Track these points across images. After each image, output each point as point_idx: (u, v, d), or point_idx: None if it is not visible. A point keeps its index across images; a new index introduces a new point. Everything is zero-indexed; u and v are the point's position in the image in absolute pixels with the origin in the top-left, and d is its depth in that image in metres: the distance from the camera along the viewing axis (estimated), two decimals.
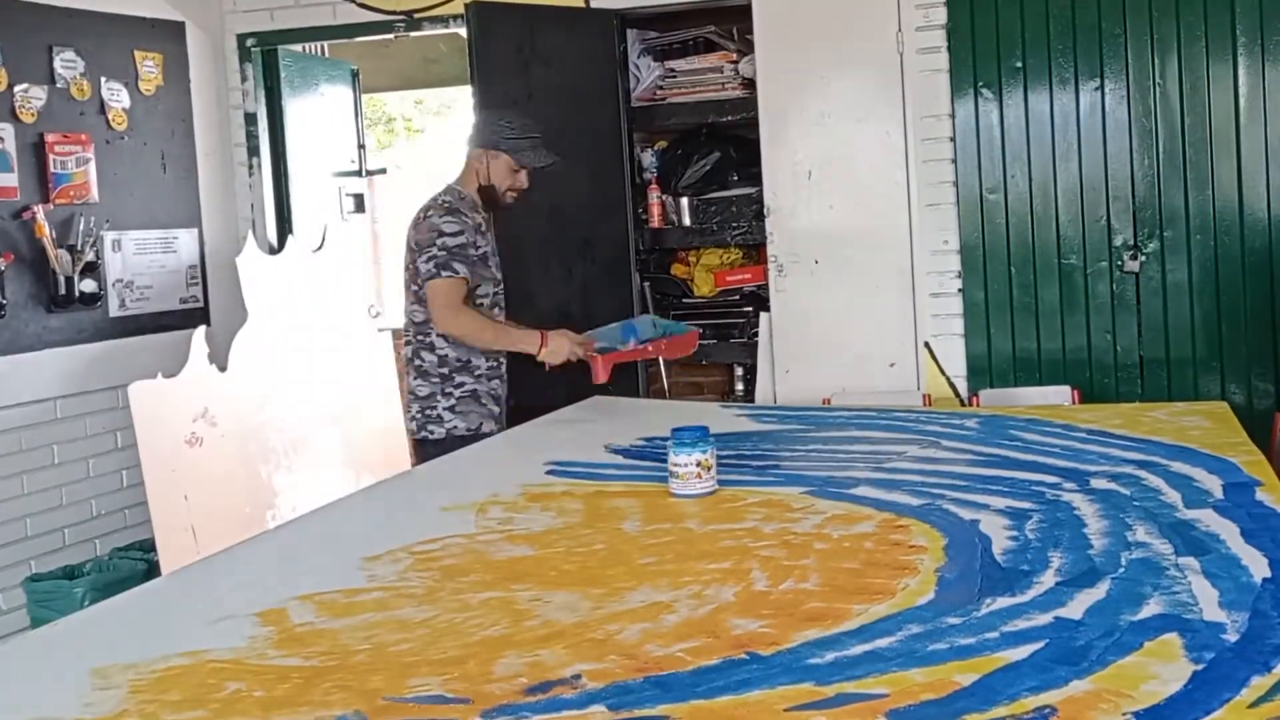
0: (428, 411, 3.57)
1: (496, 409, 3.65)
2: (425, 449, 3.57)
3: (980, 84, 4.48)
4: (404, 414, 3.70)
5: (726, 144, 5.11)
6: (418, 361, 3.59)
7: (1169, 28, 4.29)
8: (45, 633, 1.88)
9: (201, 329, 4.71)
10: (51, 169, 4.39)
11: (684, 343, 3.71)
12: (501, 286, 3.68)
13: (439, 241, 3.45)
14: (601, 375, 3.48)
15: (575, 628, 1.75)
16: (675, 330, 3.73)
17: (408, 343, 3.63)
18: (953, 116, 4.51)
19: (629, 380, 4.90)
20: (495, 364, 3.65)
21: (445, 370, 3.56)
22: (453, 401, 3.56)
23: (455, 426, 3.54)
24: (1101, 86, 4.37)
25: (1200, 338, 4.35)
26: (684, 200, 5.12)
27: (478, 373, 3.59)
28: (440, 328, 3.49)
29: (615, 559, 2.10)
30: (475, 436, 3.51)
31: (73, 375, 4.51)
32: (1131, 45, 4.33)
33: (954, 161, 4.53)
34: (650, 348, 3.62)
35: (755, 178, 4.79)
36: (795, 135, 4.62)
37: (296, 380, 4.93)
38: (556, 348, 3.47)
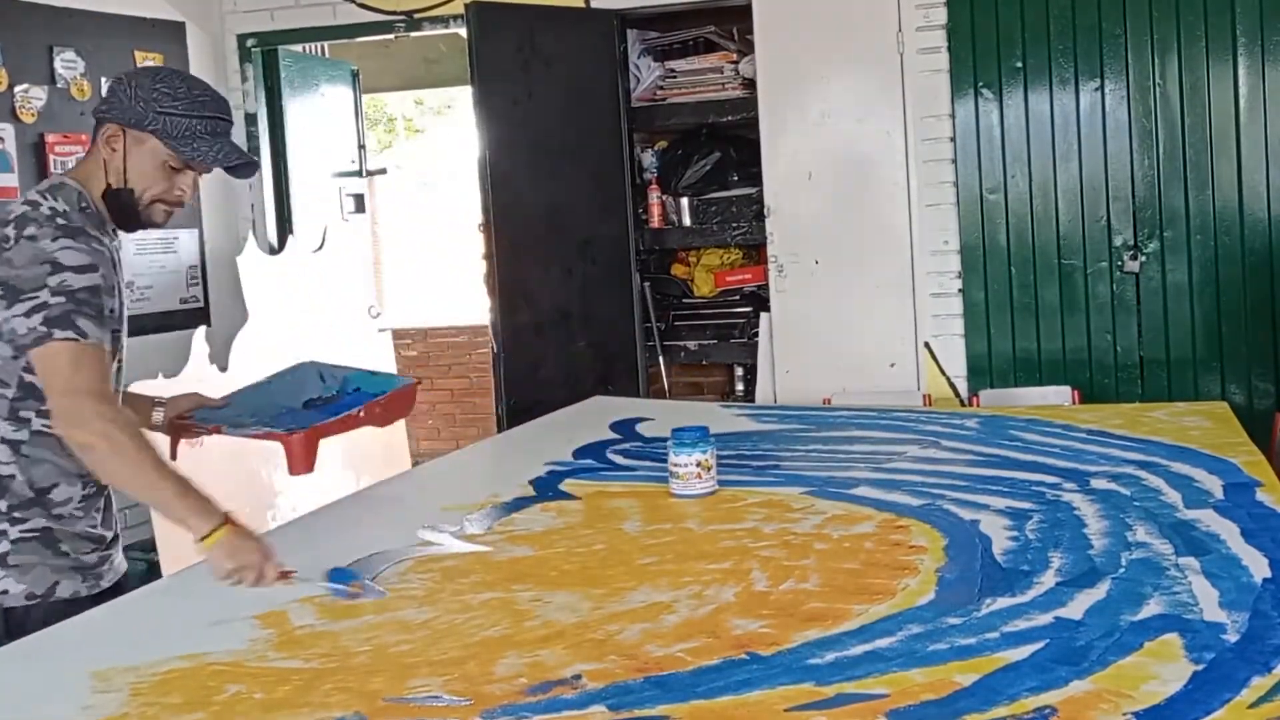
0: None
1: (91, 557, 2.15)
2: None
3: (980, 84, 4.47)
4: None
5: (726, 144, 5.11)
6: None
7: (1169, 28, 4.29)
8: (45, 632, 1.87)
9: (202, 329, 4.71)
10: (52, 169, 4.39)
11: (401, 400, 2.61)
12: (123, 355, 2.22)
13: (53, 280, 1.99)
14: (303, 464, 2.37)
15: (575, 628, 1.75)
16: (381, 387, 2.63)
17: None
18: (953, 116, 4.51)
19: (629, 380, 4.91)
20: (94, 491, 2.16)
21: (11, 500, 2.08)
22: (5, 547, 2.07)
23: (5, 591, 2.07)
24: (1102, 86, 4.37)
25: (1200, 338, 4.35)
26: (684, 200, 5.12)
27: (57, 506, 2.11)
28: (61, 428, 2.00)
29: (615, 559, 2.10)
30: (45, 606, 2.07)
31: None
32: (1131, 45, 4.33)
33: (954, 161, 4.52)
34: (362, 413, 2.46)
35: (755, 178, 4.79)
36: (795, 135, 4.62)
37: None
38: (239, 546, 1.97)
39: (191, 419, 2.44)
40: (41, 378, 2.00)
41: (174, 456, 2.39)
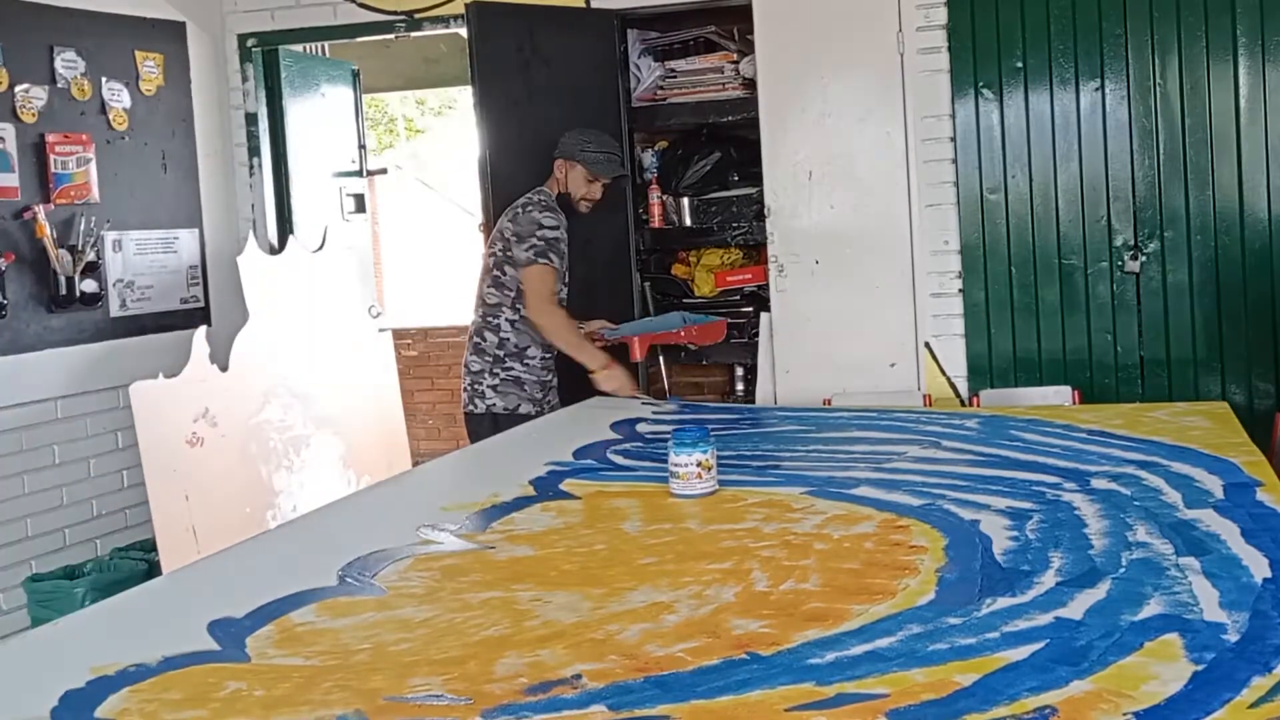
0: (475, 386, 3.99)
1: (539, 394, 4.01)
2: (469, 421, 4.00)
3: (981, 84, 4.48)
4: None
5: (727, 144, 5.11)
6: (477, 339, 4.00)
7: (1169, 28, 4.29)
8: (45, 633, 1.88)
9: (202, 329, 4.72)
10: (52, 169, 4.39)
11: (714, 330, 4.36)
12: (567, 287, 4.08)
13: (539, 233, 3.89)
14: (637, 353, 4.09)
15: (575, 628, 1.75)
16: (702, 321, 4.38)
17: (475, 320, 4.02)
18: (953, 116, 4.51)
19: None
20: (548, 355, 4.03)
21: (500, 353, 3.96)
22: (496, 381, 3.96)
23: (494, 404, 3.94)
24: (1102, 86, 4.37)
25: (1201, 338, 4.35)
26: (684, 200, 5.12)
27: (529, 362, 3.99)
28: (530, 313, 3.89)
29: (616, 559, 2.10)
30: (512, 416, 3.89)
31: (73, 375, 4.51)
32: (1132, 45, 4.33)
33: (954, 161, 4.52)
34: (683, 332, 4.24)
35: (755, 178, 4.79)
36: (795, 135, 4.62)
37: (297, 380, 4.93)
38: (614, 375, 3.85)
39: (599, 334, 4.15)
40: (525, 285, 3.91)
41: (636, 358, 4.15)
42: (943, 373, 4.58)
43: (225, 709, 1.52)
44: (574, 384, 4.06)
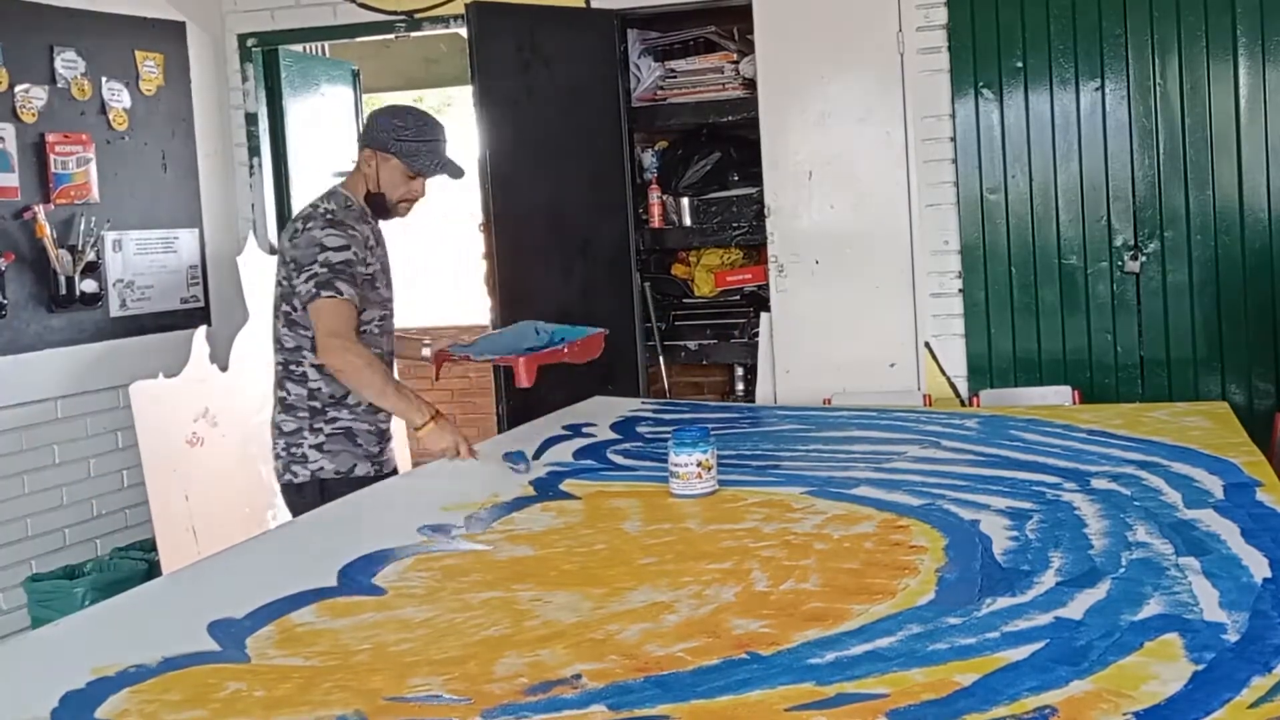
0: (293, 450, 3.02)
1: (375, 447, 3.09)
2: (289, 494, 3.05)
3: (981, 84, 4.47)
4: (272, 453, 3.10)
5: (727, 144, 5.11)
6: (282, 394, 3.05)
7: (1169, 28, 4.29)
8: (45, 633, 1.88)
9: (202, 329, 4.72)
10: (52, 169, 4.39)
11: (592, 344, 3.44)
12: (391, 309, 3.21)
13: (321, 258, 2.90)
14: (524, 379, 3.13)
15: (576, 628, 1.75)
16: (578, 334, 3.46)
17: (276, 370, 3.08)
18: (953, 116, 4.51)
19: (629, 380, 4.91)
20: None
21: (316, 404, 3.02)
22: (321, 439, 3.02)
23: (321, 468, 3.00)
24: (1102, 86, 4.37)
25: (1201, 338, 4.35)
26: (684, 200, 5.12)
27: (357, 409, 3.04)
28: (322, 357, 2.90)
29: (616, 559, 2.10)
30: (345, 481, 2.98)
31: (73, 375, 4.51)
32: (1132, 45, 4.33)
33: (954, 161, 4.52)
34: (565, 349, 3.33)
35: (755, 178, 4.79)
36: (795, 135, 4.62)
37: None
38: (441, 433, 2.90)
39: (449, 351, 3.28)
40: (312, 322, 2.90)
41: (437, 379, 3.44)
42: (943, 373, 4.58)
43: (225, 709, 1.52)
44: (573, 383, 4.05)
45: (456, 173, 3.12)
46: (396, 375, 3.28)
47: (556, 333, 3.48)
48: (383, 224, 3.18)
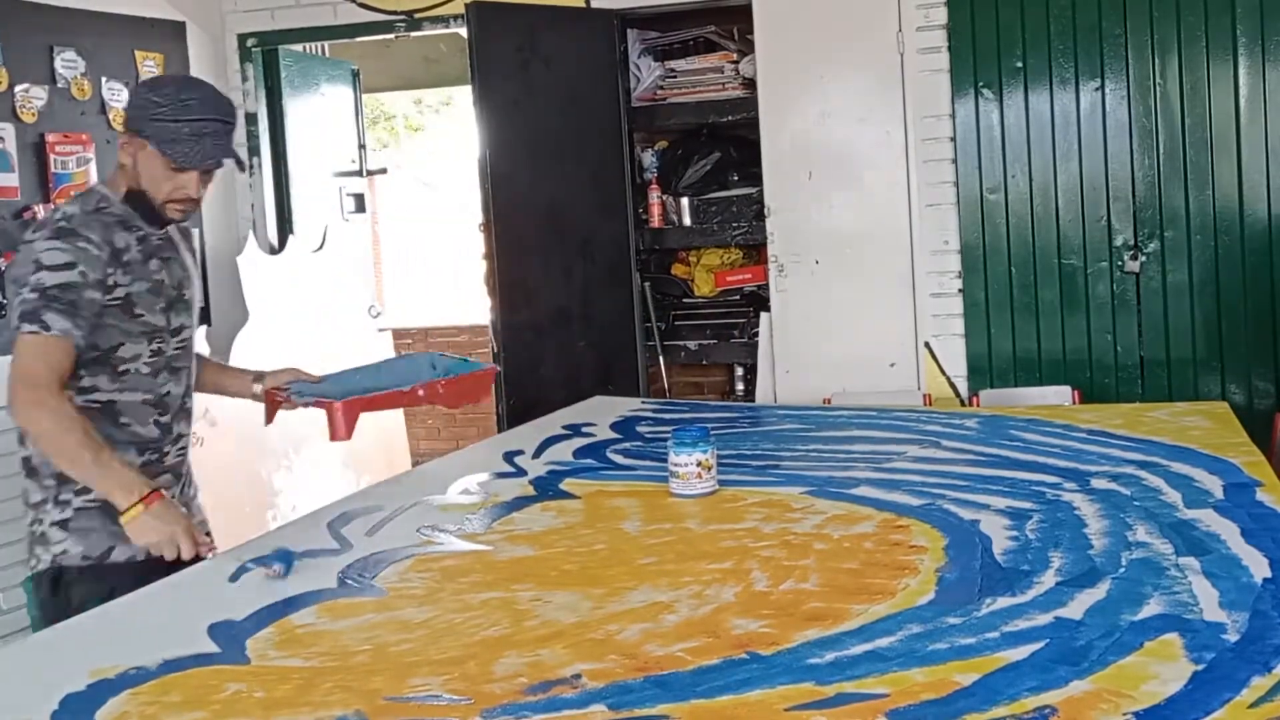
0: (34, 528, 2.39)
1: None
2: (36, 585, 2.44)
3: (980, 84, 4.47)
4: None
5: (726, 144, 5.11)
6: (24, 452, 2.37)
7: (1169, 28, 4.29)
8: (45, 634, 1.88)
9: (202, 329, 4.71)
10: (52, 169, 4.39)
11: (474, 386, 2.79)
12: (186, 335, 2.50)
13: (34, 279, 2.23)
14: (341, 431, 2.53)
15: (575, 628, 1.75)
16: (460, 370, 2.81)
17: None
18: (953, 116, 4.51)
19: (629, 380, 4.91)
20: (155, 450, 2.43)
21: (59, 470, 2.30)
22: (68, 514, 2.35)
23: (65, 551, 2.35)
24: (1102, 86, 4.37)
25: (1200, 338, 4.35)
26: (684, 200, 5.12)
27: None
28: (10, 406, 2.20)
29: (615, 559, 2.10)
30: (100, 567, 2.33)
31: None
32: (1132, 45, 4.33)
33: (954, 161, 4.52)
34: (421, 392, 2.65)
35: (755, 178, 4.79)
36: (795, 135, 4.62)
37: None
38: (156, 518, 2.18)
39: (285, 391, 2.64)
40: (12, 361, 2.21)
41: (269, 421, 2.67)
42: (943, 372, 4.58)
43: (225, 711, 1.52)
44: (573, 383, 4.06)
45: (237, 162, 2.41)
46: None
47: (453, 368, 2.82)
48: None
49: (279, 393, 2.65)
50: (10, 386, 2.19)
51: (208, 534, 2.37)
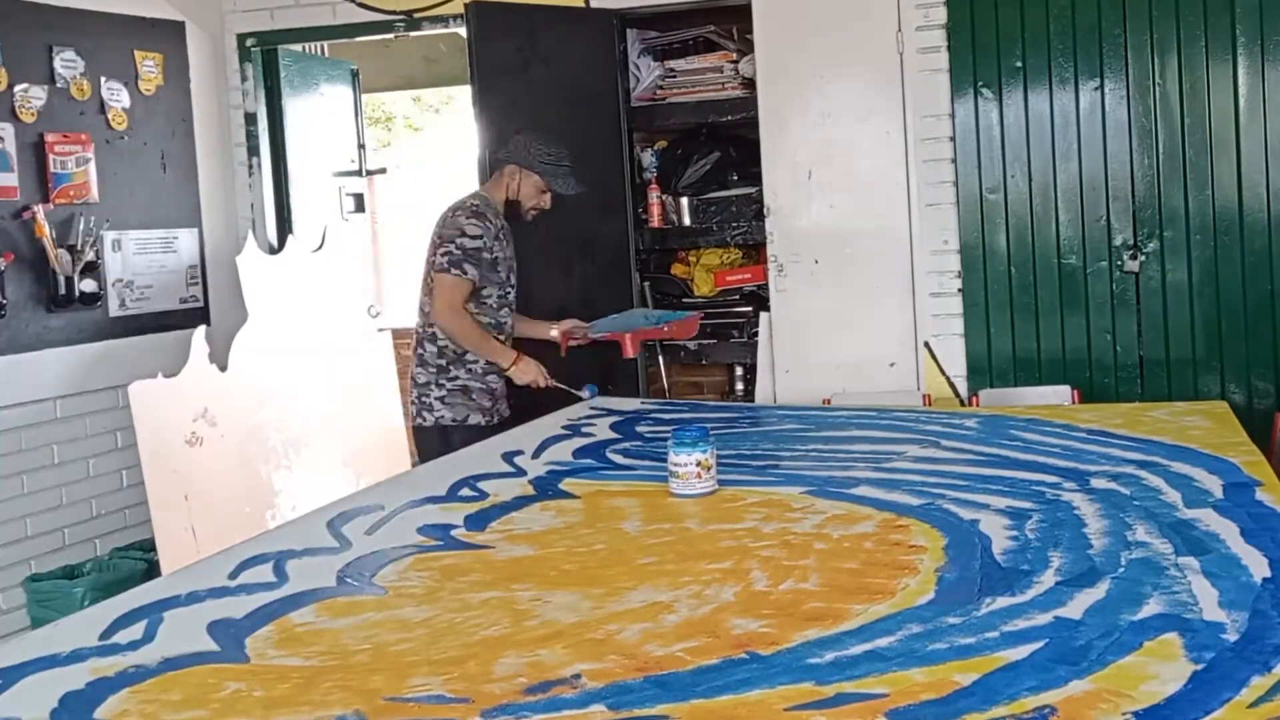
0: (422, 399, 3.82)
1: (489, 403, 3.85)
2: (418, 435, 3.88)
3: (980, 84, 4.47)
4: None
5: (726, 144, 5.11)
6: (420, 350, 3.85)
7: (1169, 28, 4.29)
8: (45, 633, 1.88)
9: (201, 329, 4.71)
10: (51, 169, 4.39)
11: (689, 325, 4.33)
12: (513, 291, 3.95)
13: (458, 241, 3.72)
14: (630, 350, 4.06)
15: (575, 627, 1.75)
16: (676, 317, 4.34)
17: (417, 331, 3.89)
18: (953, 116, 4.51)
19: (629, 380, 4.91)
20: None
21: (443, 362, 3.80)
22: (444, 392, 3.80)
23: (442, 416, 3.79)
24: (1101, 86, 4.37)
25: (1200, 338, 4.35)
26: (684, 200, 5.12)
27: (473, 368, 3.80)
28: (436, 319, 3.75)
29: (615, 559, 2.10)
30: (461, 427, 3.75)
31: (73, 375, 4.50)
32: (1131, 45, 4.33)
33: (954, 161, 4.52)
34: (666, 328, 4.20)
35: (755, 178, 4.79)
36: (795, 135, 4.62)
37: (296, 380, 4.93)
38: (525, 369, 3.79)
39: (572, 333, 4.06)
40: (435, 291, 3.75)
41: (563, 354, 4.05)
42: (942, 372, 4.58)
43: (225, 709, 1.52)
44: (573, 383, 4.06)
45: (578, 190, 3.97)
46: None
47: (662, 318, 4.32)
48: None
49: (572, 334, 4.05)
50: (440, 306, 3.72)
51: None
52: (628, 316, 4.35)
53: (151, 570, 4.31)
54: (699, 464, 2.48)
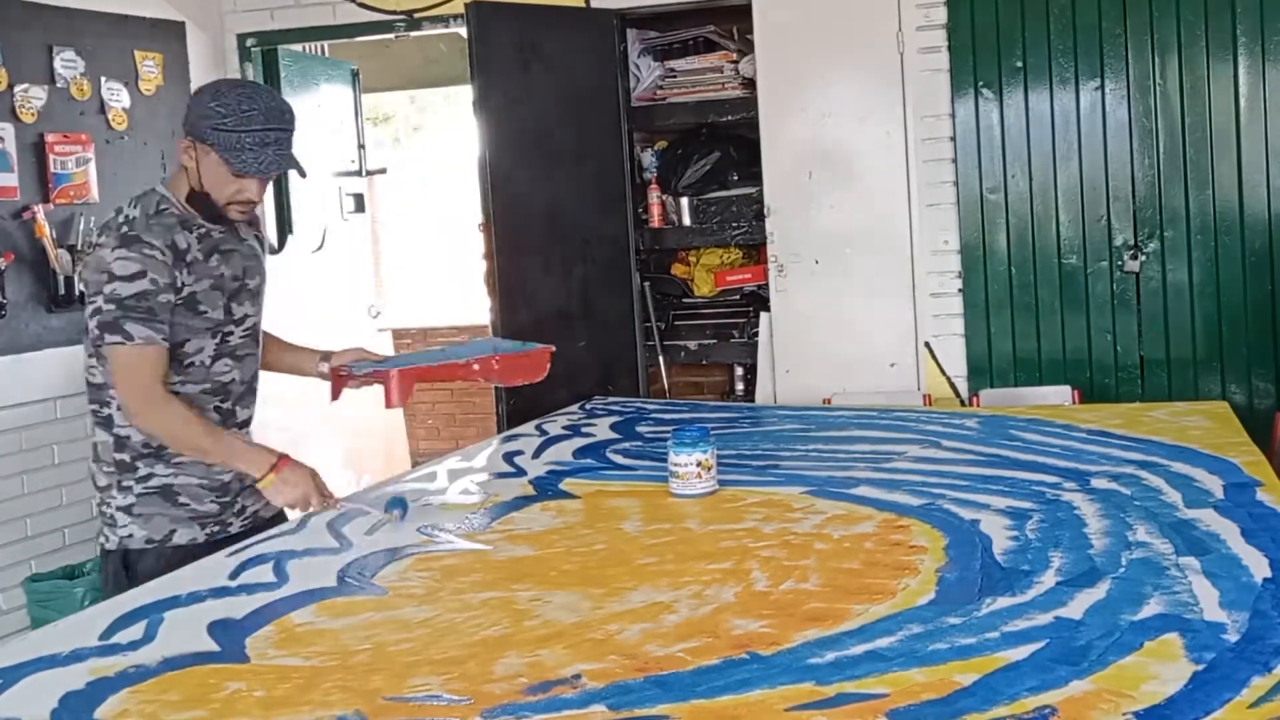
0: (103, 509, 2.50)
1: (214, 504, 2.50)
2: (105, 562, 2.51)
3: (980, 84, 4.47)
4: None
5: (726, 144, 5.11)
6: (94, 438, 2.52)
7: (1169, 28, 4.29)
8: (45, 633, 1.87)
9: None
10: (52, 169, 4.39)
11: (529, 364, 2.81)
12: (249, 320, 2.63)
13: (108, 289, 2.35)
14: (395, 398, 2.61)
15: (575, 628, 1.75)
16: (514, 349, 2.86)
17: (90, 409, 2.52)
18: (953, 116, 4.51)
19: (629, 380, 4.91)
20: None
21: (124, 457, 2.46)
22: (130, 500, 2.46)
23: (130, 535, 2.45)
24: (1102, 86, 4.37)
25: (1200, 338, 4.35)
26: (684, 200, 5.12)
27: (174, 460, 2.46)
28: (129, 419, 2.42)
29: (615, 559, 2.10)
30: (162, 550, 2.44)
31: (73, 375, 4.49)
32: (1132, 45, 4.33)
33: (954, 161, 4.52)
34: (476, 366, 2.74)
35: (755, 178, 4.79)
36: (795, 135, 4.62)
37: (296, 380, 4.92)
38: (290, 480, 2.43)
39: (347, 369, 2.71)
40: (111, 371, 2.39)
41: (335, 398, 2.75)
42: (943, 372, 4.58)
43: (225, 710, 1.52)
44: (573, 383, 4.06)
45: (298, 170, 2.50)
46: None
47: (499, 347, 2.90)
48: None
49: (343, 369, 2.71)
50: (123, 397, 2.39)
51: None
52: (463, 348, 2.95)
53: None
54: (699, 464, 2.48)
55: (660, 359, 5.05)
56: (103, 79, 4.64)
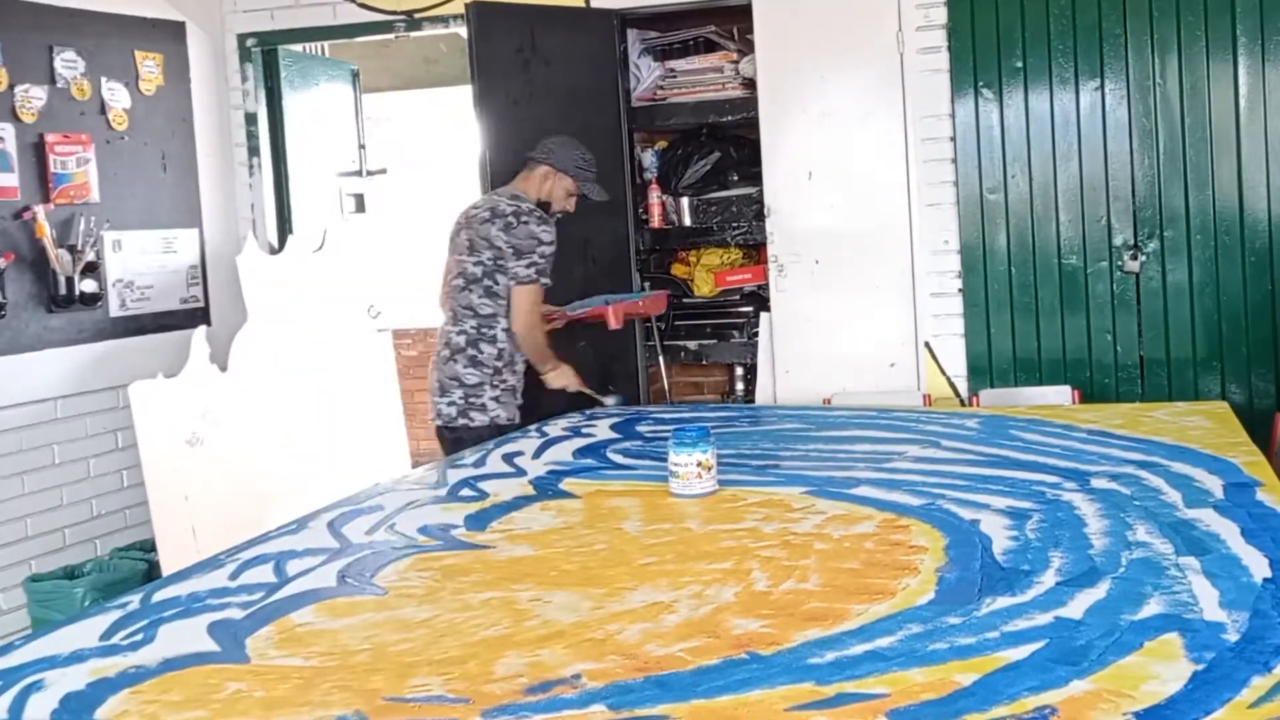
0: (471, 399, 3.77)
1: (520, 402, 3.91)
2: (461, 434, 3.74)
3: (980, 84, 4.47)
4: (435, 400, 3.83)
5: (726, 144, 5.11)
6: (473, 351, 3.79)
7: (1169, 28, 4.29)
8: (45, 633, 1.87)
9: (202, 329, 4.71)
10: (52, 169, 4.39)
11: (658, 300, 4.66)
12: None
13: (539, 249, 3.75)
14: (614, 322, 4.18)
15: (575, 628, 1.75)
16: (638, 296, 4.61)
17: (463, 331, 3.80)
18: (953, 116, 4.51)
19: (629, 381, 4.91)
20: (525, 362, 3.96)
21: (499, 364, 3.79)
22: (498, 393, 3.80)
23: (498, 415, 3.78)
24: (1102, 86, 4.37)
25: (1200, 338, 4.35)
26: (684, 200, 5.12)
27: (518, 370, 3.87)
28: (518, 328, 3.75)
29: (616, 559, 2.10)
30: (511, 427, 3.75)
31: (73, 375, 4.50)
32: (1132, 45, 4.33)
33: (954, 161, 4.52)
34: (642, 304, 4.47)
35: (755, 178, 4.79)
36: (795, 135, 4.62)
37: (296, 380, 4.93)
38: (563, 372, 3.86)
39: (559, 312, 4.13)
40: (516, 300, 3.75)
41: (614, 326, 4.25)
42: (943, 373, 4.58)
43: (225, 710, 1.52)
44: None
45: (604, 198, 4.07)
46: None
47: (625, 296, 4.46)
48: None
49: (554, 314, 4.06)
50: (528, 316, 3.76)
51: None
52: (592, 300, 4.38)
53: (151, 570, 4.32)
54: (699, 464, 2.48)
55: (660, 359, 5.05)
56: (103, 79, 4.64)
